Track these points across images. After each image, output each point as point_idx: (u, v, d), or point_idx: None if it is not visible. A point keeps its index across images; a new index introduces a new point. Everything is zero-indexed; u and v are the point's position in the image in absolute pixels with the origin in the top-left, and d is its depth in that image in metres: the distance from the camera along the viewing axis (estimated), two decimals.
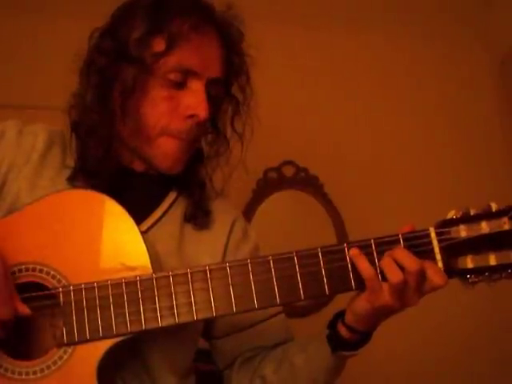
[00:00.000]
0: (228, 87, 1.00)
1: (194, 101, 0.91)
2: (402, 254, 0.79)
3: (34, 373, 0.81)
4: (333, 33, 2.36)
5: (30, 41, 2.13)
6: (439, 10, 2.45)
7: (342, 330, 0.86)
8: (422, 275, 0.79)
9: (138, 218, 0.89)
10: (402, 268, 0.79)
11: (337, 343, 0.87)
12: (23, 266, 0.84)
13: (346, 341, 0.86)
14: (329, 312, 0.91)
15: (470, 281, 0.79)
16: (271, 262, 0.82)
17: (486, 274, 0.78)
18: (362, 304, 0.82)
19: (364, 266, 0.80)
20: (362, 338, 0.86)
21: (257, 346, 1.01)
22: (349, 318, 0.85)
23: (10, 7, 2.10)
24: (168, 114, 0.92)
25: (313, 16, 2.33)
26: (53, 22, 2.13)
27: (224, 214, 1.03)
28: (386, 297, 0.80)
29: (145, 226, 0.94)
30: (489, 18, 2.48)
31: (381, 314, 0.83)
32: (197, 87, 0.92)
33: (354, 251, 0.81)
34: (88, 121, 0.92)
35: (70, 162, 0.95)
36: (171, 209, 0.98)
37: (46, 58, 2.09)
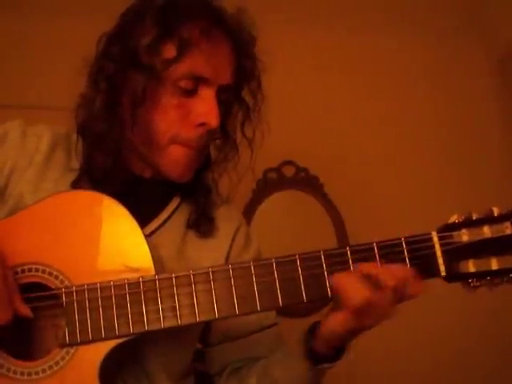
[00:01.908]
0: (239, 92, 0.98)
1: (205, 109, 0.90)
2: (350, 281, 0.78)
3: (36, 373, 0.81)
4: (333, 33, 2.36)
5: (30, 41, 2.12)
6: (438, 9, 2.45)
7: (318, 345, 0.85)
8: (366, 306, 0.77)
9: (142, 222, 0.88)
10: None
11: (313, 357, 0.86)
12: (26, 267, 0.84)
13: (323, 355, 0.86)
14: None
15: (471, 285, 0.79)
16: (274, 264, 0.82)
17: (488, 278, 0.78)
18: (336, 324, 0.82)
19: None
20: (338, 351, 0.86)
21: (247, 357, 1.00)
22: (323, 334, 0.84)
23: (10, 7, 2.09)
24: (178, 122, 0.90)
25: (316, 16, 2.33)
26: (53, 21, 2.13)
27: (227, 221, 1.03)
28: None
29: (148, 230, 0.93)
30: (488, 16, 2.48)
31: (357, 331, 0.83)
32: (207, 95, 0.90)
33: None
34: (96, 129, 0.91)
35: (75, 164, 0.94)
36: (175, 214, 0.98)
37: (47, 58, 2.09)
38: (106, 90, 0.90)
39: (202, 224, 0.98)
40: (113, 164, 0.91)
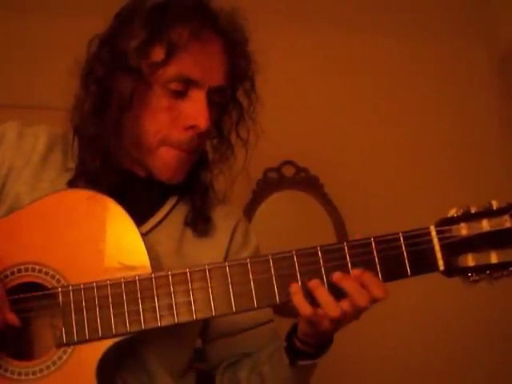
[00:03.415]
0: (233, 92, 0.98)
1: (195, 111, 0.89)
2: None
3: (34, 373, 0.81)
4: (332, 33, 2.36)
5: (30, 41, 2.12)
6: (439, 8, 2.44)
7: (298, 343, 0.86)
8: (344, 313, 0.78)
9: (139, 221, 0.88)
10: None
11: (295, 354, 0.87)
12: (22, 266, 0.84)
13: (303, 352, 0.86)
14: None
15: (471, 279, 0.78)
16: (271, 260, 0.81)
17: (487, 272, 0.77)
18: (305, 327, 0.83)
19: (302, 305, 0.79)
20: (318, 348, 0.86)
21: (242, 352, 1.00)
22: (300, 334, 0.85)
23: (10, 7, 2.10)
24: (168, 124, 0.90)
25: (313, 17, 2.33)
26: (53, 21, 2.13)
27: (226, 219, 1.02)
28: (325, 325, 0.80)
29: (145, 228, 0.93)
30: (489, 15, 2.47)
31: (327, 333, 0.83)
32: (198, 97, 0.90)
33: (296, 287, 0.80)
34: (86, 132, 0.91)
35: (71, 164, 0.94)
36: (172, 212, 0.98)
37: (46, 58, 2.08)
38: (96, 92, 0.90)
39: (199, 223, 0.98)
40: (102, 166, 0.90)
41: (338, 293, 0.79)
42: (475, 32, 2.49)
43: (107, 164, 0.91)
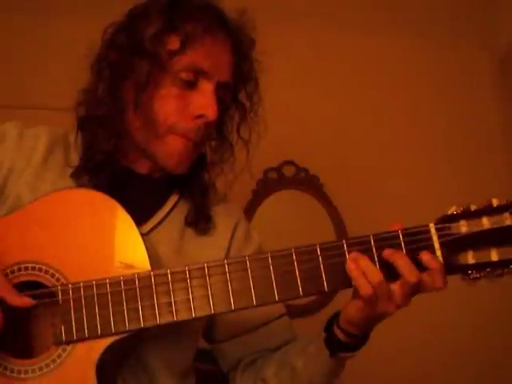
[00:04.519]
0: (236, 93, 1.00)
1: (204, 101, 0.91)
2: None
3: (33, 371, 0.81)
4: (332, 34, 2.36)
5: (30, 41, 2.13)
6: (440, 10, 2.44)
7: (339, 333, 0.86)
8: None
9: (140, 220, 0.89)
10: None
11: (335, 346, 0.87)
12: (22, 265, 0.84)
13: (344, 343, 0.86)
14: (329, 312, 0.90)
15: (471, 277, 0.77)
16: (269, 258, 0.81)
17: (488, 269, 0.77)
18: (355, 313, 0.82)
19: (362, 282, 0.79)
20: (359, 339, 0.86)
21: (261, 349, 1.01)
22: (343, 323, 0.85)
23: (11, 7, 2.10)
24: (177, 112, 0.91)
25: (314, 16, 2.33)
26: (53, 22, 2.13)
27: (226, 217, 1.03)
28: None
29: (147, 228, 0.93)
30: (488, 16, 2.47)
31: (375, 319, 0.83)
32: (207, 88, 0.92)
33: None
34: (98, 112, 0.92)
35: (74, 161, 0.94)
36: (173, 212, 0.98)
37: (47, 58, 2.09)
38: (109, 76, 0.91)
39: (199, 222, 0.98)
40: (112, 148, 0.91)
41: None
42: (476, 33, 2.49)
43: (116, 147, 0.92)
